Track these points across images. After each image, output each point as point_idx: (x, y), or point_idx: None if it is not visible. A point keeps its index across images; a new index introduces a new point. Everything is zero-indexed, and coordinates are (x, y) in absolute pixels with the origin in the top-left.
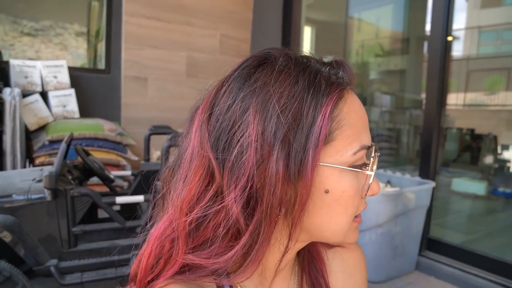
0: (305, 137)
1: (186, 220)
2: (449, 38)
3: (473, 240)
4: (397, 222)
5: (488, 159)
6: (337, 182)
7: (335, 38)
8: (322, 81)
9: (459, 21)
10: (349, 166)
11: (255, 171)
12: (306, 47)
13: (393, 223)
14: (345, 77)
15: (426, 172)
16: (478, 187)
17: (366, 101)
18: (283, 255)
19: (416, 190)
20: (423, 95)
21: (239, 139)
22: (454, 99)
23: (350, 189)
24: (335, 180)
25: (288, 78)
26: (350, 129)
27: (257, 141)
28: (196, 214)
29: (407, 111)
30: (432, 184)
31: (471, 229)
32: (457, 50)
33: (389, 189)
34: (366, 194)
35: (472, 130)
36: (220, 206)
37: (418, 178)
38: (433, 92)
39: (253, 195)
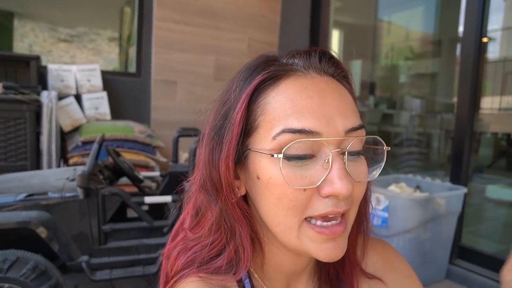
0: (228, 125)
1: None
2: (484, 40)
3: (508, 250)
4: (427, 228)
5: None
6: (264, 168)
7: (364, 41)
8: (255, 72)
9: (496, 22)
10: (277, 152)
11: (203, 153)
12: (334, 50)
13: (422, 229)
14: (299, 64)
15: (457, 178)
16: None
17: (395, 105)
18: (261, 245)
19: (447, 195)
20: (455, 99)
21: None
22: (489, 102)
23: (276, 176)
24: (263, 166)
25: (238, 76)
26: (273, 113)
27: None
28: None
29: (438, 115)
30: (463, 190)
31: (506, 238)
32: (493, 51)
33: (418, 194)
34: (325, 191)
35: (509, 135)
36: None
37: (449, 184)
38: (465, 95)
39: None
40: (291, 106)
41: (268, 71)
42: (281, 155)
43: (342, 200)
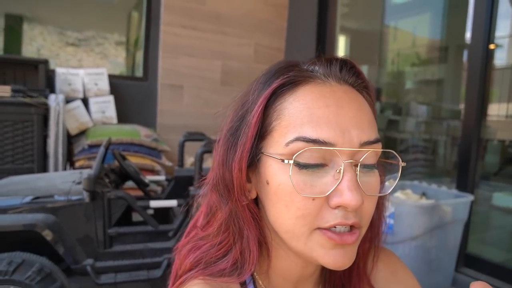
0: (244, 127)
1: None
2: (492, 46)
3: None
4: (433, 236)
5: None
6: (274, 174)
7: (370, 47)
8: (274, 76)
9: (503, 29)
10: (288, 158)
11: (218, 153)
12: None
13: (428, 236)
14: (319, 71)
15: (464, 185)
16: None
17: (401, 111)
18: (268, 249)
19: (453, 203)
20: (462, 105)
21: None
22: (496, 109)
23: (285, 183)
24: (273, 171)
25: (258, 79)
26: (288, 119)
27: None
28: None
29: (444, 122)
30: (470, 197)
31: None
32: (500, 58)
33: (424, 201)
34: (334, 202)
35: None
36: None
37: (455, 191)
38: (473, 102)
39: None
40: (307, 114)
41: (287, 76)
42: (291, 161)
43: (351, 212)
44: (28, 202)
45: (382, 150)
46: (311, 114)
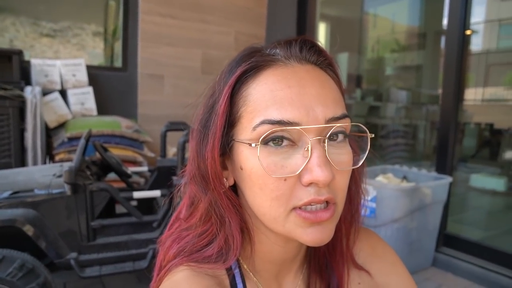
0: (214, 117)
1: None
2: (468, 32)
3: (492, 237)
4: (413, 218)
5: (508, 154)
6: (246, 159)
7: (350, 34)
8: (237, 64)
9: (479, 14)
10: (256, 142)
11: (192, 146)
12: (320, 40)
13: (409, 218)
14: (280, 54)
15: (442, 168)
16: (497, 183)
17: (382, 97)
18: (250, 234)
19: (433, 185)
20: (440, 90)
21: None
22: (472, 94)
23: (257, 166)
24: (245, 156)
25: (224, 68)
26: (253, 104)
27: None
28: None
29: (424, 107)
30: (449, 179)
31: (490, 226)
32: (476, 44)
33: (405, 184)
34: (305, 179)
35: (491, 125)
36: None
37: (434, 174)
38: (450, 86)
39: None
40: (271, 97)
41: (249, 62)
42: (258, 144)
43: (323, 188)
44: (6, 197)
45: (347, 124)
46: (274, 97)
